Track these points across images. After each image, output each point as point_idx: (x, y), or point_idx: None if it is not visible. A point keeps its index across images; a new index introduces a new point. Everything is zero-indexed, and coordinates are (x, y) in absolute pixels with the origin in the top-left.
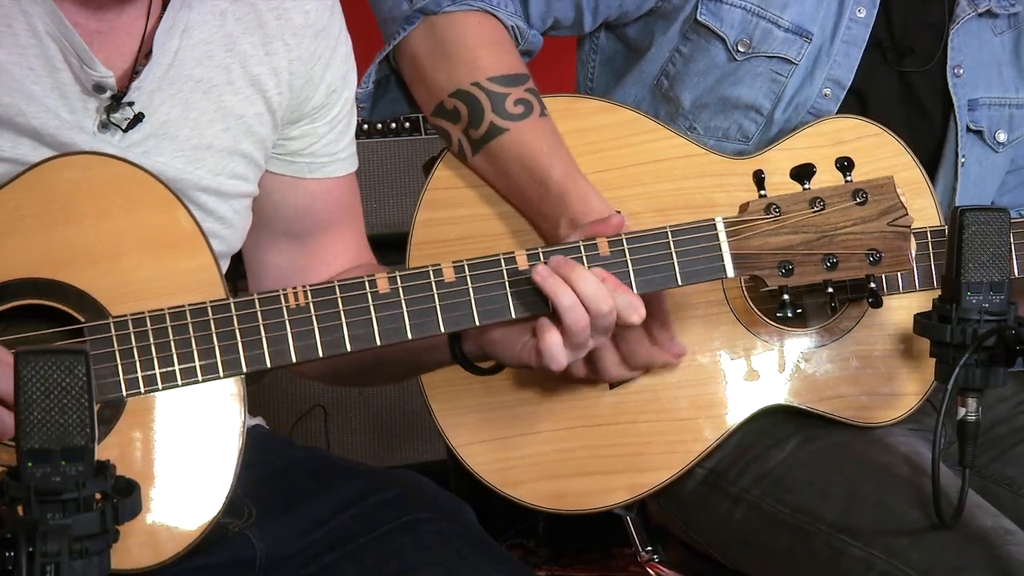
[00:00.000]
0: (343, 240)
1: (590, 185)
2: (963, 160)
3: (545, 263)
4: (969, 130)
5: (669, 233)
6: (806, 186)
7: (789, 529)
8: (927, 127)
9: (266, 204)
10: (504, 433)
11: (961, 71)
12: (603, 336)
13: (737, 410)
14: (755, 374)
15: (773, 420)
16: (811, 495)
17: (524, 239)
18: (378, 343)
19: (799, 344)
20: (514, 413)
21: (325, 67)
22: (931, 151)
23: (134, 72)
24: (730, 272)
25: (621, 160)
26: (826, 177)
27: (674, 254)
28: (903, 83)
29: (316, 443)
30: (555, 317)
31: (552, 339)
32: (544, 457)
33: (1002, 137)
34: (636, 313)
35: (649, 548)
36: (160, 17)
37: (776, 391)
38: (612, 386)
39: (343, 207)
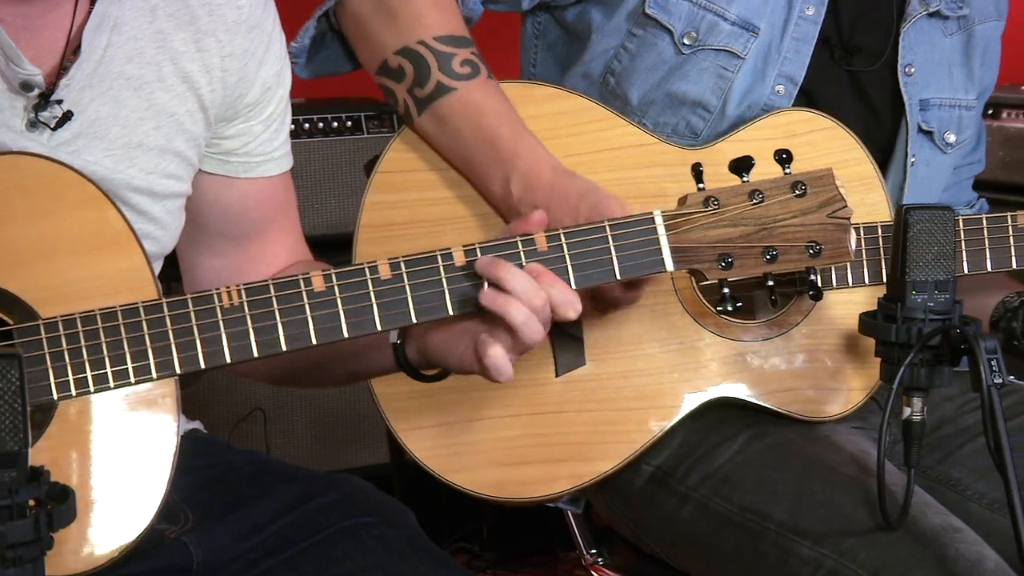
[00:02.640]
0: (279, 239)
1: (540, 144)
2: (913, 160)
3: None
4: (920, 130)
5: (607, 227)
6: (745, 179)
7: (737, 529)
8: (877, 126)
9: (200, 204)
10: (447, 419)
11: (912, 70)
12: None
13: (682, 402)
14: (702, 366)
15: (720, 416)
16: (759, 494)
17: (473, 224)
18: (314, 342)
19: (746, 337)
20: (458, 399)
21: (259, 64)
22: (882, 150)
23: (62, 69)
24: (669, 266)
25: (573, 148)
26: (770, 169)
27: (612, 248)
28: (853, 82)
29: (256, 447)
30: (495, 329)
31: (496, 353)
32: (487, 444)
33: (951, 138)
34: (572, 309)
35: (594, 551)
36: (88, 13)
37: (722, 383)
38: (558, 374)
39: (278, 205)
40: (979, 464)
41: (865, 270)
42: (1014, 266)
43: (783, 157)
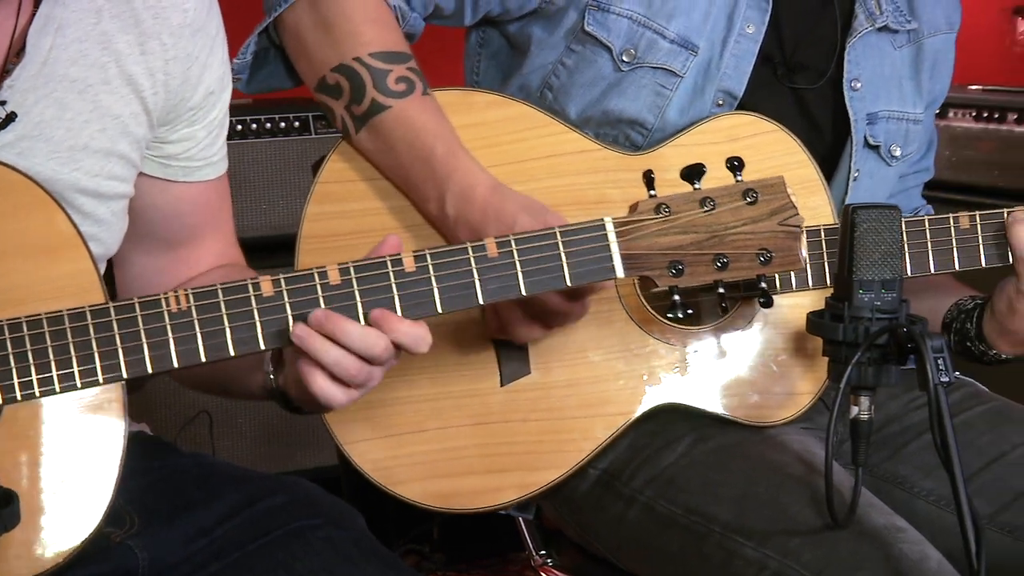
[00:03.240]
0: (210, 242)
1: (475, 161)
2: (856, 174)
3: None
4: (867, 144)
5: (558, 233)
6: (696, 186)
7: (682, 530)
8: (820, 142)
9: (135, 205)
10: (393, 431)
11: (859, 85)
12: (389, 364)
13: (628, 409)
14: (647, 373)
15: (666, 420)
16: (704, 496)
17: (415, 233)
18: (262, 346)
19: (692, 343)
20: (403, 411)
21: (203, 68)
22: (825, 166)
23: (4, 71)
24: (619, 272)
25: (514, 155)
26: (719, 173)
27: (563, 255)
28: (796, 98)
29: (202, 450)
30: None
31: (319, 381)
32: (433, 455)
33: (897, 152)
34: (423, 343)
35: (543, 552)
36: (32, 15)
37: (668, 390)
38: (503, 383)
39: (212, 209)
40: (925, 461)
41: (809, 274)
42: (956, 268)
43: (735, 164)
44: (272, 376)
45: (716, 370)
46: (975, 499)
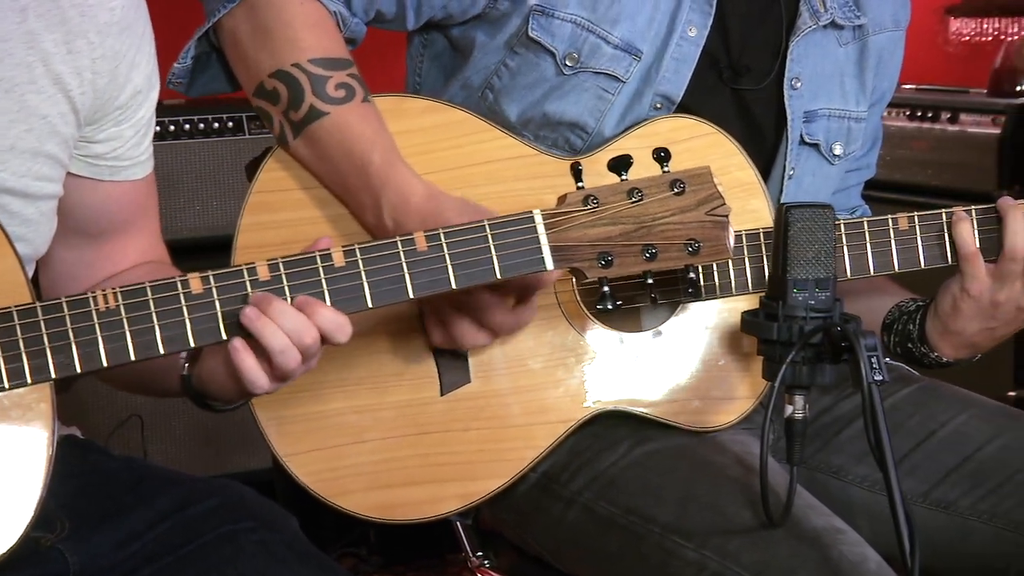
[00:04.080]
0: (135, 239)
1: (412, 171)
2: (791, 173)
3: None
4: (804, 142)
5: (487, 226)
6: (624, 177)
7: (621, 531)
8: (761, 142)
9: (61, 203)
10: (332, 443)
11: (799, 83)
12: (311, 362)
13: (570, 416)
14: (587, 379)
15: (607, 423)
16: (643, 497)
17: (352, 241)
18: (192, 344)
19: (632, 348)
20: (342, 422)
21: (131, 67)
22: (762, 164)
23: None
24: (549, 264)
25: (451, 161)
26: (650, 170)
27: (492, 247)
28: (737, 100)
29: (134, 453)
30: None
31: (248, 362)
32: (373, 466)
33: (838, 150)
34: (343, 333)
35: (480, 553)
36: None
37: (609, 396)
38: (443, 392)
39: (139, 207)
40: (858, 449)
41: (748, 277)
42: (896, 269)
43: (661, 156)
44: (186, 371)
45: (657, 375)
46: (908, 479)
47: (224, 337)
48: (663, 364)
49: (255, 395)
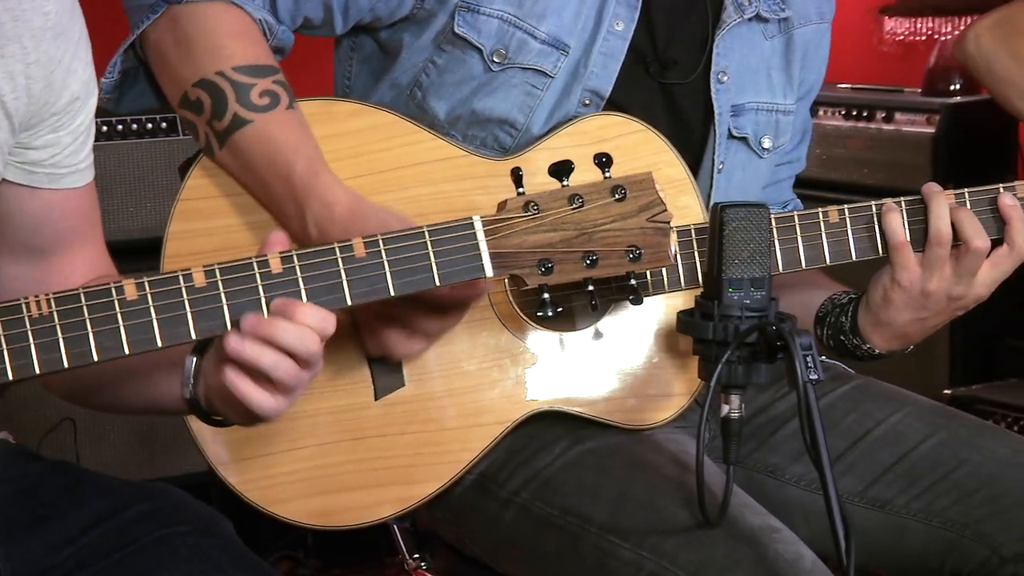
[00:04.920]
0: (81, 251)
1: (336, 179)
2: (720, 167)
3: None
4: (732, 136)
5: (426, 233)
6: (564, 183)
7: (557, 531)
8: (686, 135)
9: (1, 213)
10: (266, 450)
11: (726, 77)
12: (317, 369)
13: (505, 417)
14: (522, 380)
15: (543, 423)
16: (580, 497)
17: (287, 248)
18: (126, 352)
19: (567, 348)
20: (276, 429)
21: (67, 72)
22: (692, 158)
23: None
24: (489, 271)
25: (380, 164)
26: (588, 176)
27: (432, 254)
28: (665, 94)
29: (68, 457)
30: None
31: (247, 388)
32: (308, 473)
33: (767, 143)
34: (329, 325)
35: (417, 555)
36: None
37: (544, 396)
38: (377, 397)
39: (82, 217)
40: (793, 448)
41: (681, 274)
42: (827, 262)
43: (603, 161)
44: (191, 386)
45: (592, 374)
46: (844, 478)
47: (159, 344)
48: (598, 363)
49: (264, 419)
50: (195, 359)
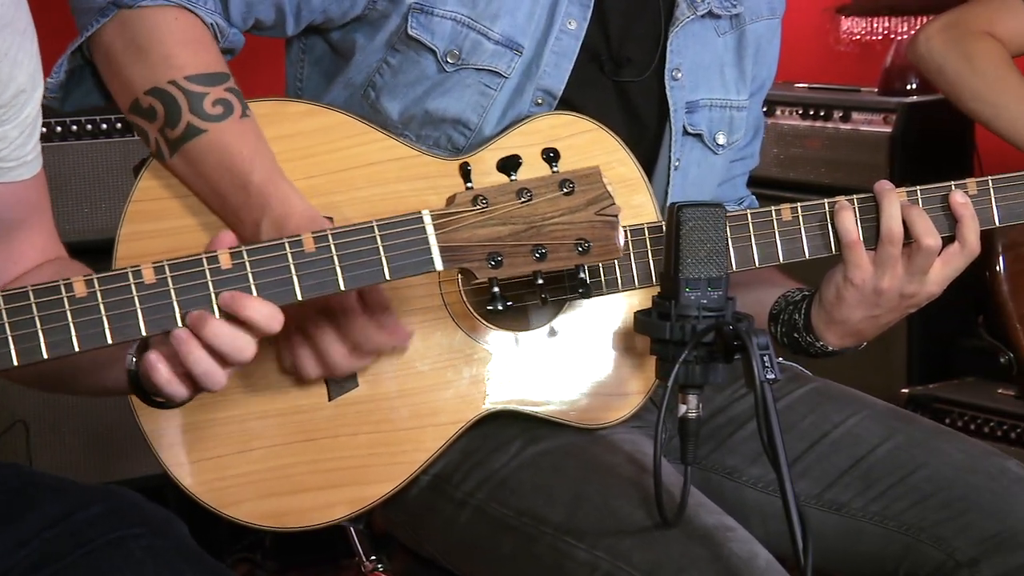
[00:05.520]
0: (30, 239)
1: (292, 187)
2: (677, 164)
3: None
4: (687, 133)
5: (375, 227)
6: (513, 177)
7: (513, 532)
8: (642, 133)
9: None
10: (220, 452)
11: (680, 74)
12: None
13: (459, 417)
14: (476, 380)
15: (498, 423)
16: (535, 498)
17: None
18: (76, 349)
19: (521, 348)
20: (230, 431)
21: (13, 64)
22: (648, 156)
23: None
24: (438, 265)
25: (332, 165)
26: (537, 172)
27: (381, 248)
28: (619, 92)
29: (20, 460)
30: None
31: (163, 372)
32: (262, 475)
33: (722, 139)
34: (276, 322)
35: (373, 557)
36: None
37: (498, 396)
38: (331, 398)
39: (30, 207)
40: (751, 449)
41: (635, 272)
42: (781, 260)
43: (550, 156)
44: (133, 366)
45: (546, 374)
46: (801, 480)
47: (110, 341)
48: (552, 362)
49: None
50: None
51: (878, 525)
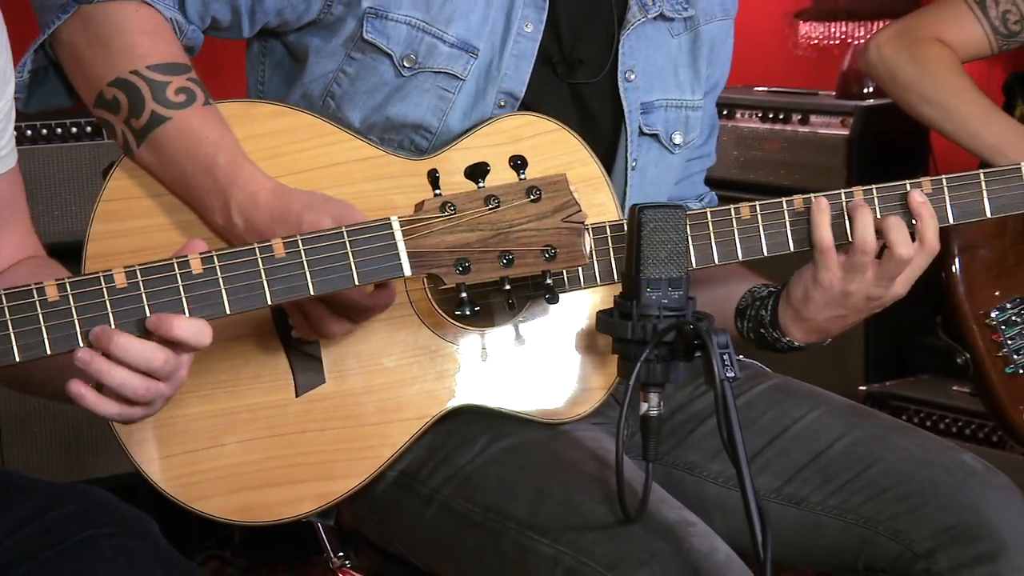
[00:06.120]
0: (8, 233)
1: (257, 168)
2: (634, 164)
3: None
4: (643, 133)
5: (345, 233)
6: (480, 184)
7: (478, 528)
8: (599, 135)
9: None
10: (189, 447)
11: (633, 76)
12: (178, 379)
13: (425, 413)
14: (442, 376)
15: (463, 419)
16: (500, 494)
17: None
18: (48, 352)
19: (486, 345)
20: (199, 427)
21: None
22: (605, 156)
23: None
24: (407, 271)
25: (299, 165)
26: (504, 175)
27: (350, 254)
28: (574, 95)
29: None
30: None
31: (88, 396)
32: (230, 470)
33: (678, 139)
34: (205, 336)
35: (341, 554)
36: None
37: (463, 392)
38: (298, 394)
39: (6, 201)
40: (712, 446)
41: (596, 270)
42: (740, 258)
43: (518, 163)
44: None
45: (509, 370)
46: (761, 475)
47: (81, 344)
48: (516, 359)
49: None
50: None
51: (837, 518)
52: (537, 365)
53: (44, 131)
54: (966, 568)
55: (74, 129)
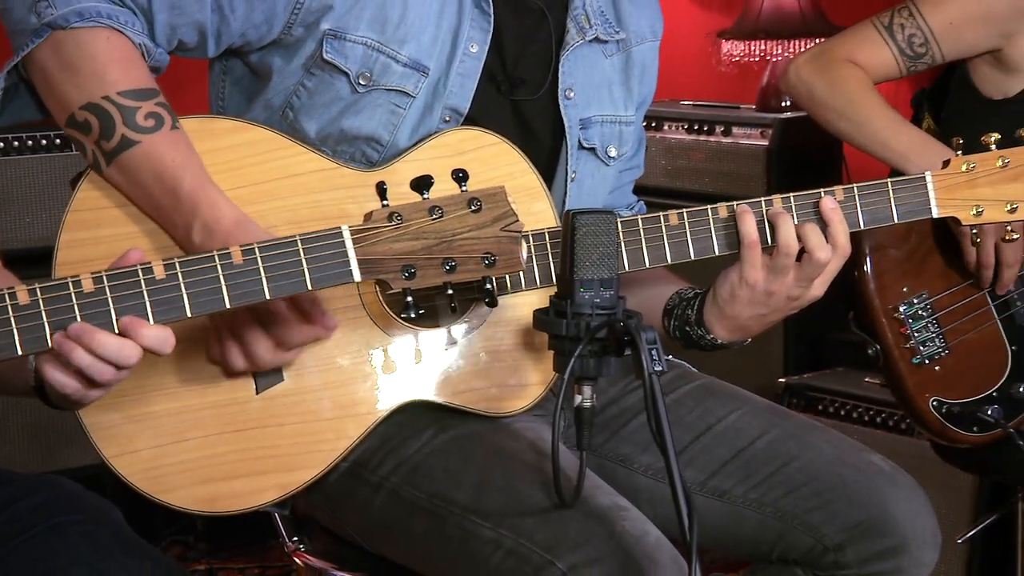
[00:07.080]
0: None
1: (221, 193)
2: (573, 176)
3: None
4: (582, 147)
5: (299, 241)
6: (425, 195)
7: (425, 514)
8: (540, 149)
9: None
10: (155, 443)
11: (572, 93)
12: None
13: (377, 407)
14: (392, 373)
15: (412, 412)
16: (445, 481)
17: (169, 255)
18: (19, 352)
19: (432, 343)
20: (164, 423)
21: None
22: (545, 169)
23: None
24: (356, 276)
25: (257, 176)
26: (448, 186)
27: (304, 261)
28: (515, 111)
29: None
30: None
31: (56, 375)
32: (195, 463)
33: (613, 152)
34: (168, 344)
35: (296, 539)
36: None
37: (413, 388)
38: (258, 391)
39: None
40: (642, 439)
41: (536, 273)
42: (669, 261)
43: (460, 176)
44: (35, 374)
45: (455, 368)
46: (688, 469)
47: (50, 346)
48: (461, 357)
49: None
50: None
51: (756, 511)
52: (480, 362)
53: (16, 144)
54: (872, 561)
55: (44, 141)
